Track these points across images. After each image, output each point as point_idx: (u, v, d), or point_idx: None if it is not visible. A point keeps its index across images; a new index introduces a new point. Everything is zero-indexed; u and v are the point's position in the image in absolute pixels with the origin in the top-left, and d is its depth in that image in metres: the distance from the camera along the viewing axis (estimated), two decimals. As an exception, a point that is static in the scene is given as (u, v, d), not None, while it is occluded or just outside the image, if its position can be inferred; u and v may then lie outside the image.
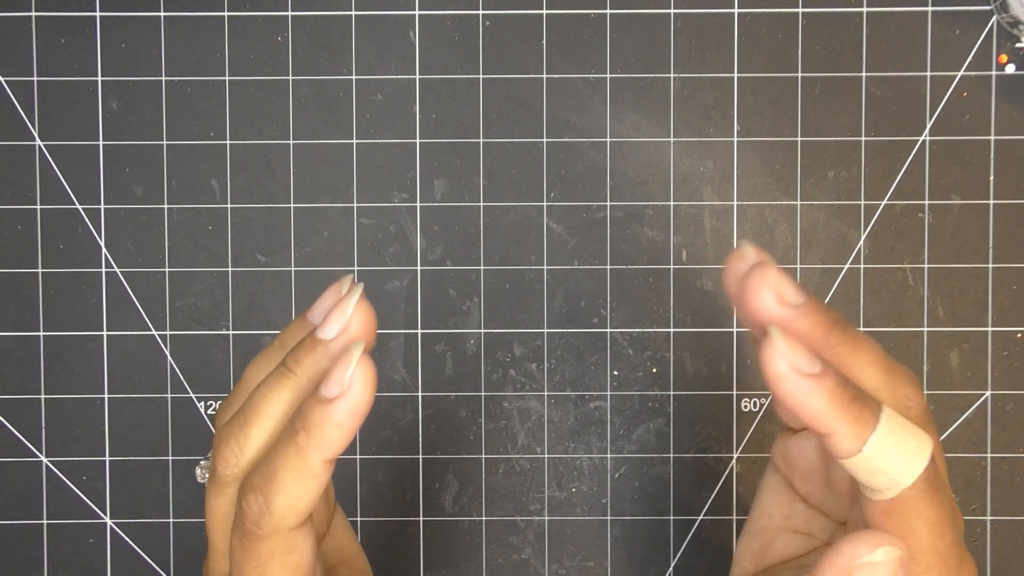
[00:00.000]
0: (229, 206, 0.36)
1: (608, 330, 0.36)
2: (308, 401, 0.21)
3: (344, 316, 0.22)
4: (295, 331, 0.24)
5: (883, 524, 0.21)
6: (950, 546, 0.21)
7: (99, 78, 0.36)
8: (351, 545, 0.27)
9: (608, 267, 0.36)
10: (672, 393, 0.36)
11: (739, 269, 0.21)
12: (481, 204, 0.36)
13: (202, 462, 0.27)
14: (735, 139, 0.36)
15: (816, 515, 0.26)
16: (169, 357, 0.36)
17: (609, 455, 0.36)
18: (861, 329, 0.36)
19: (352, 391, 0.20)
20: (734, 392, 0.35)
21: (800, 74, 0.36)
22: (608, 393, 0.36)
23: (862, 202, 0.36)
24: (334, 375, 0.20)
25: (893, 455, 0.20)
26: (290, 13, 0.36)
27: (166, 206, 0.36)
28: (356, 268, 0.36)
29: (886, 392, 0.22)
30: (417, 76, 0.36)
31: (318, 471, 0.21)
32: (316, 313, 0.23)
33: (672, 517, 0.36)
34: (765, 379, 0.20)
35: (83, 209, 0.36)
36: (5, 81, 0.36)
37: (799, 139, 0.36)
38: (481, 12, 0.36)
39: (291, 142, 0.36)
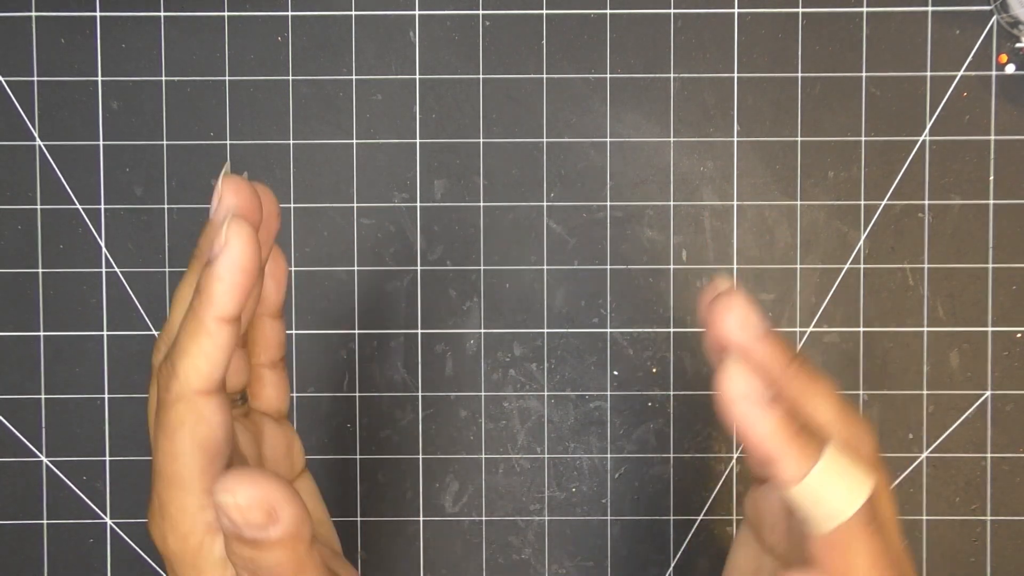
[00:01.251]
0: (229, 206, 0.36)
1: (608, 330, 0.36)
2: (203, 269, 0.22)
3: (216, 193, 0.23)
4: (203, 240, 0.25)
5: (825, 560, 0.22)
6: None
7: (99, 78, 0.36)
8: (316, 510, 0.27)
9: (608, 267, 0.36)
10: (672, 393, 0.36)
11: (710, 297, 0.23)
12: (481, 204, 0.36)
13: None
14: (735, 139, 0.36)
15: (782, 568, 0.26)
16: (169, 357, 0.36)
17: (609, 455, 0.36)
18: (861, 329, 0.36)
19: (228, 246, 0.21)
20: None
21: (800, 74, 0.36)
22: (608, 393, 0.36)
23: (862, 202, 0.36)
24: (215, 240, 0.22)
25: (835, 486, 0.21)
26: (290, 13, 0.36)
27: (166, 206, 0.36)
28: (356, 268, 0.36)
29: (837, 427, 0.23)
30: (417, 76, 0.36)
31: (212, 329, 0.22)
32: (217, 215, 0.24)
33: (672, 517, 0.36)
34: (718, 403, 0.21)
35: (83, 209, 0.36)
36: (5, 81, 0.36)
37: (799, 139, 0.36)
38: (481, 12, 0.36)
39: (291, 142, 0.36)
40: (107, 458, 0.36)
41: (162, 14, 0.36)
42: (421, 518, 0.36)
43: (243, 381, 0.26)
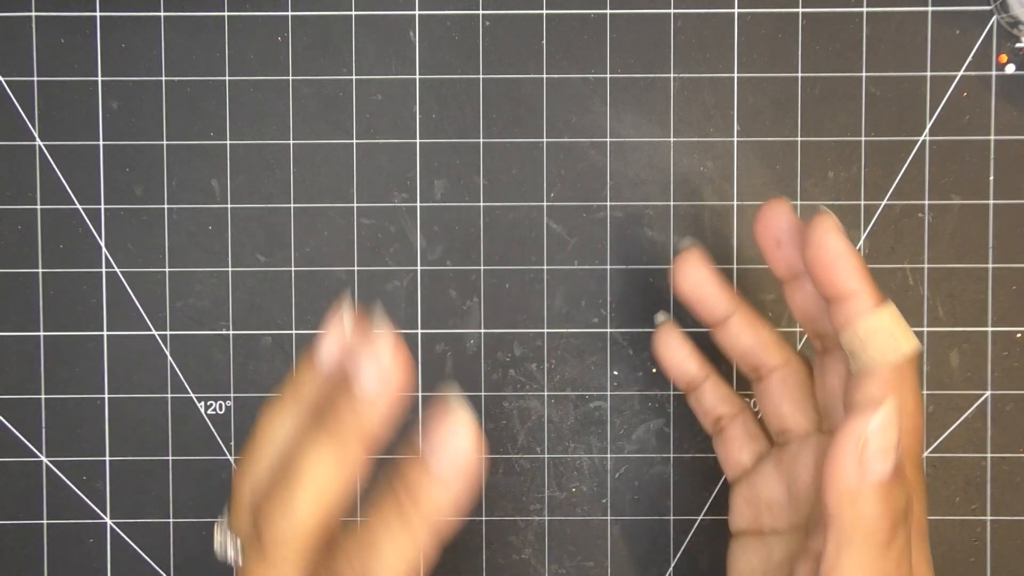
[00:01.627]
0: (229, 206, 0.36)
1: (608, 330, 0.36)
2: (412, 469, 0.20)
3: (380, 365, 0.20)
4: (306, 375, 0.22)
5: (879, 394, 0.24)
6: (920, 432, 0.25)
7: (99, 78, 0.36)
8: None
9: (608, 267, 0.36)
10: (672, 393, 0.36)
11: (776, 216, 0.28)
12: (481, 204, 0.36)
13: (218, 537, 0.23)
14: (735, 139, 0.36)
15: (791, 536, 0.27)
16: (169, 357, 0.36)
17: (609, 455, 0.36)
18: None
19: (460, 457, 0.19)
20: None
21: (800, 74, 0.36)
22: (608, 393, 0.36)
23: (862, 202, 0.36)
24: (439, 441, 0.19)
25: (898, 327, 0.25)
26: (290, 13, 0.36)
27: (166, 206, 0.36)
28: (356, 268, 0.36)
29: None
30: (417, 76, 0.36)
31: (422, 539, 0.20)
32: (326, 352, 0.22)
33: (672, 517, 0.36)
34: (811, 242, 0.25)
35: (83, 209, 0.36)
36: (5, 81, 0.36)
37: (799, 139, 0.36)
38: (481, 12, 0.36)
39: (291, 142, 0.36)
40: (107, 458, 0.36)
41: (162, 14, 0.36)
42: (421, 518, 0.36)
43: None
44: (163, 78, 0.36)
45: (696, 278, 0.29)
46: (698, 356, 0.32)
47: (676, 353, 0.32)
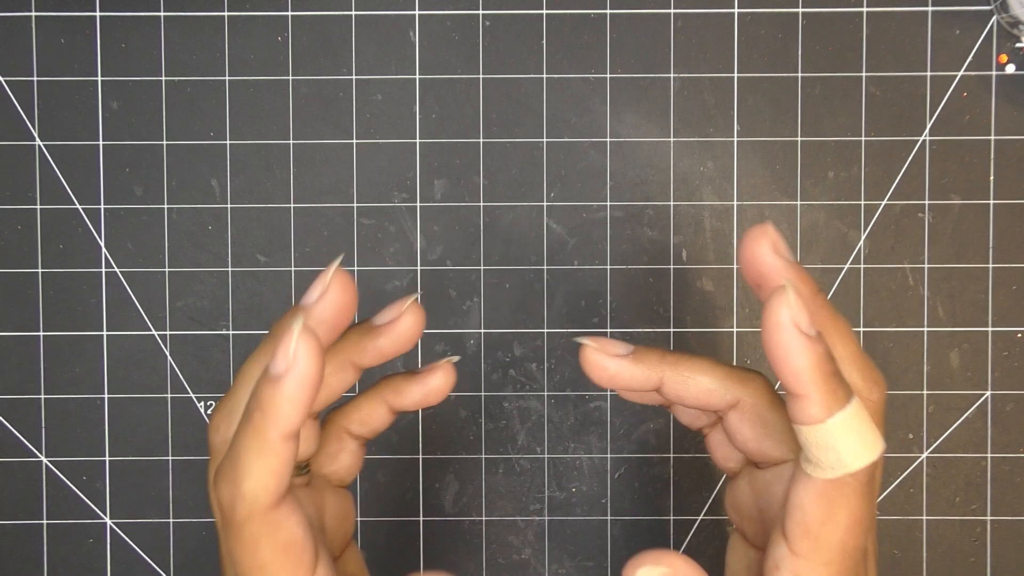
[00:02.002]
0: (229, 206, 0.36)
1: (608, 330, 0.36)
2: (260, 380, 0.21)
3: (323, 282, 0.22)
4: (287, 320, 0.24)
5: (810, 506, 0.22)
6: (857, 552, 0.22)
7: (99, 78, 0.36)
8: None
9: (608, 267, 0.36)
10: (672, 393, 0.36)
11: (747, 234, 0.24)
12: (481, 204, 0.36)
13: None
14: (735, 139, 0.36)
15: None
16: (169, 357, 0.36)
17: (609, 455, 0.36)
18: (861, 329, 0.36)
19: (297, 365, 0.20)
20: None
21: (800, 74, 0.36)
22: (608, 393, 0.36)
23: (862, 202, 0.36)
24: (279, 351, 0.20)
25: (850, 438, 0.21)
26: (290, 13, 0.36)
27: (166, 206, 0.36)
28: (356, 268, 0.36)
29: (856, 368, 0.24)
30: (417, 76, 0.36)
31: (278, 447, 0.21)
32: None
33: (672, 517, 0.36)
34: (764, 327, 0.21)
35: (83, 209, 0.36)
36: (5, 81, 0.36)
37: (799, 139, 0.36)
38: (481, 12, 0.36)
39: (291, 142, 0.36)
40: (107, 458, 0.36)
41: (162, 14, 0.36)
42: (421, 518, 0.36)
43: (311, 450, 0.25)
44: (163, 78, 0.36)
45: (610, 369, 0.26)
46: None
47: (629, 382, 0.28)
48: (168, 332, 0.36)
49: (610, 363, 0.25)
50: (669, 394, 0.26)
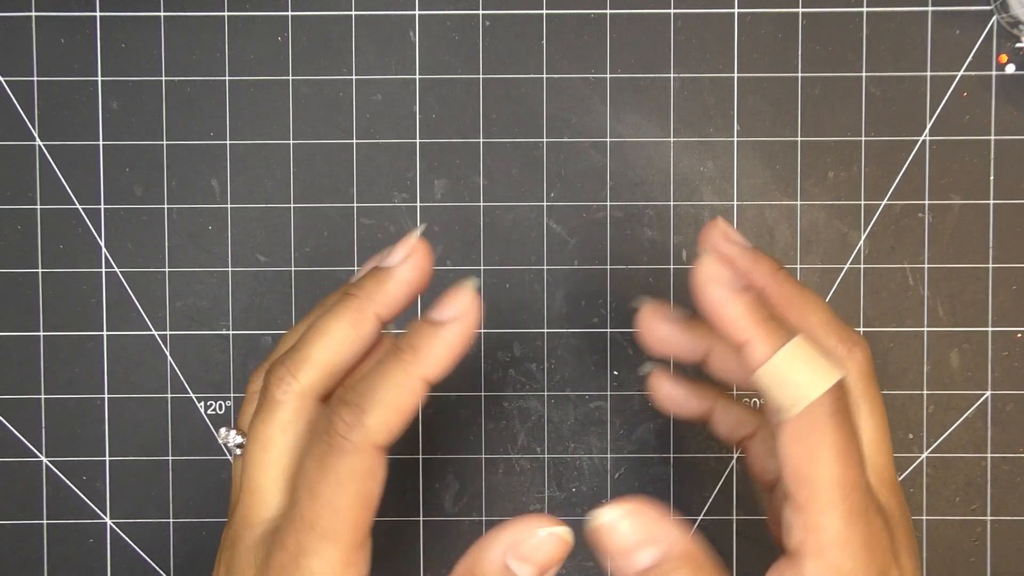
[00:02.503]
0: (229, 206, 0.36)
1: (608, 330, 0.36)
2: (418, 323, 0.23)
3: (408, 244, 0.24)
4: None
5: (790, 449, 0.22)
6: (857, 488, 0.22)
7: (99, 78, 0.36)
8: None
9: (608, 267, 0.36)
10: (672, 393, 0.36)
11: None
12: (481, 204, 0.36)
13: (223, 431, 0.26)
14: (735, 139, 0.36)
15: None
16: (169, 357, 0.36)
17: (609, 455, 0.36)
18: (861, 329, 0.36)
19: (467, 316, 0.23)
20: (734, 392, 0.35)
21: (800, 74, 0.36)
22: (608, 393, 0.36)
23: (862, 202, 0.36)
24: (449, 301, 0.23)
25: (801, 369, 0.22)
26: (290, 13, 0.36)
27: (166, 206, 0.36)
28: (356, 268, 0.36)
29: (831, 333, 0.24)
30: (417, 76, 0.36)
31: (418, 389, 0.22)
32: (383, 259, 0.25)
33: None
34: (695, 291, 0.23)
35: (83, 209, 0.36)
36: (5, 81, 0.36)
37: (799, 139, 0.36)
38: (481, 12, 0.36)
39: (291, 142, 0.36)
40: (107, 458, 0.36)
41: (162, 14, 0.36)
42: (421, 518, 0.36)
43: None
44: (163, 78, 0.36)
45: (661, 332, 0.27)
46: (698, 390, 0.29)
47: (673, 400, 0.29)
48: (168, 332, 0.36)
49: (660, 328, 0.27)
50: (717, 367, 0.27)
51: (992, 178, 0.36)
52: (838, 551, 0.21)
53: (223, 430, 0.26)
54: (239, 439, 0.26)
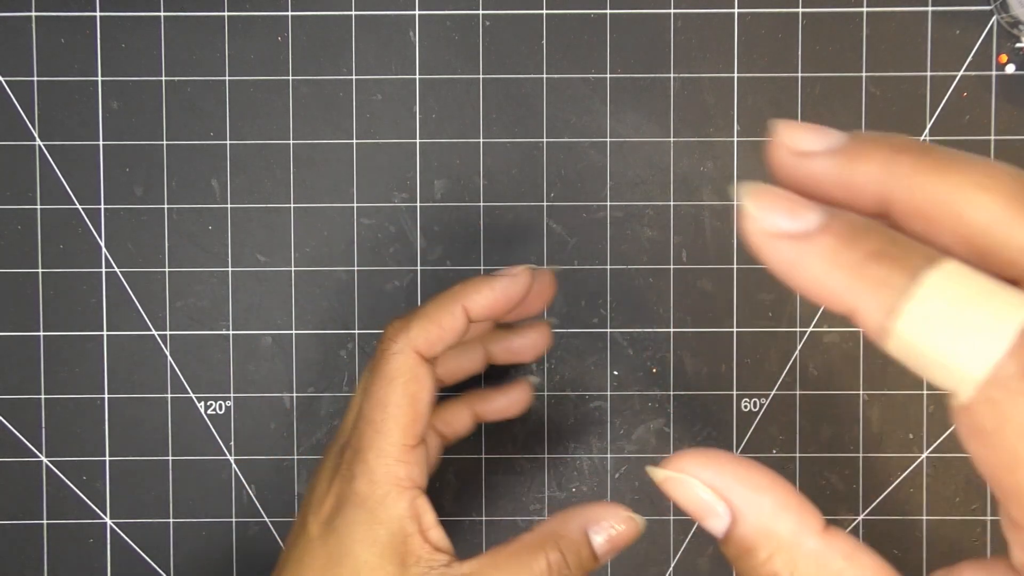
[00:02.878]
0: (229, 206, 0.36)
1: (608, 330, 0.36)
2: (474, 279, 0.27)
3: (533, 275, 0.28)
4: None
5: (979, 453, 0.14)
6: None
7: (99, 78, 0.36)
8: None
9: (608, 267, 0.36)
10: (672, 393, 0.36)
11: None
12: (481, 204, 0.36)
13: None
14: (735, 139, 0.36)
15: None
16: (169, 357, 0.36)
17: (609, 455, 0.36)
18: (861, 329, 0.36)
19: (516, 278, 0.27)
20: (734, 392, 0.35)
21: (800, 74, 0.36)
22: (608, 393, 0.36)
23: (862, 202, 0.36)
24: (513, 268, 0.28)
25: (944, 333, 0.13)
26: (290, 13, 0.36)
27: (166, 206, 0.36)
28: (356, 268, 0.36)
29: (1013, 226, 0.14)
30: (417, 76, 0.36)
31: (457, 313, 0.26)
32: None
33: (672, 517, 0.36)
34: (754, 252, 0.16)
35: (83, 209, 0.36)
36: (5, 81, 0.36)
37: (799, 139, 0.36)
38: (481, 12, 0.36)
39: (291, 142, 0.36)
40: (107, 458, 0.36)
41: (162, 14, 0.36)
42: (421, 518, 0.36)
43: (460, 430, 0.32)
44: (163, 78, 0.36)
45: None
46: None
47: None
48: (168, 332, 0.36)
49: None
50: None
51: (992, 178, 0.36)
52: None
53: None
54: None
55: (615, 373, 0.36)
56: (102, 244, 0.36)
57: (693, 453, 0.17)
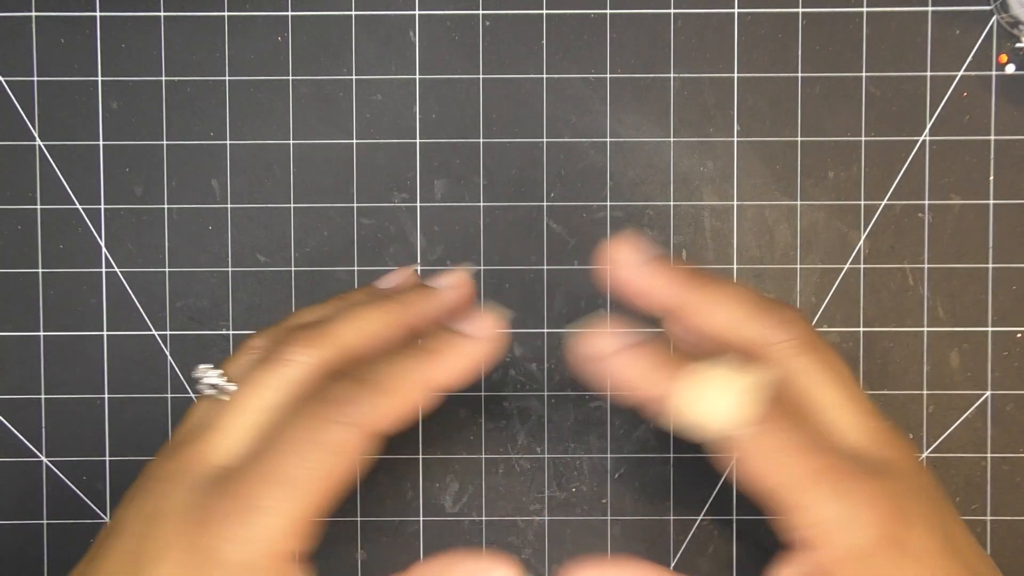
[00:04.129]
0: (229, 206, 0.36)
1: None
2: (444, 331, 0.25)
3: (459, 276, 0.27)
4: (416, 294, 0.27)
5: (750, 470, 0.22)
6: (828, 466, 0.21)
7: (99, 78, 0.36)
8: None
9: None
10: (672, 393, 0.36)
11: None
12: (481, 204, 0.36)
13: (203, 367, 0.26)
14: (735, 139, 0.36)
15: None
16: (169, 357, 0.36)
17: (609, 455, 0.36)
18: (861, 329, 0.36)
19: (491, 339, 0.25)
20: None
21: (800, 74, 0.36)
22: (608, 393, 0.36)
23: (862, 202, 0.36)
24: (480, 320, 0.25)
25: (713, 403, 0.22)
26: (290, 13, 0.36)
27: (166, 206, 0.36)
28: (356, 268, 0.36)
29: (754, 322, 0.24)
30: (417, 76, 0.36)
31: (425, 386, 0.24)
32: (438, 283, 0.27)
33: (672, 517, 0.36)
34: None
35: (83, 209, 0.36)
36: (5, 81, 0.36)
37: (799, 139, 0.36)
38: (481, 12, 0.36)
39: (291, 142, 0.36)
40: (107, 458, 0.36)
41: (162, 14, 0.36)
42: (421, 518, 0.36)
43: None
44: (163, 78, 0.36)
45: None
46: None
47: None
48: (168, 332, 0.36)
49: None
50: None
51: (992, 178, 0.36)
52: (838, 535, 0.21)
53: (202, 366, 0.26)
54: (216, 380, 0.25)
55: (615, 373, 0.36)
56: (102, 244, 0.36)
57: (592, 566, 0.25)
